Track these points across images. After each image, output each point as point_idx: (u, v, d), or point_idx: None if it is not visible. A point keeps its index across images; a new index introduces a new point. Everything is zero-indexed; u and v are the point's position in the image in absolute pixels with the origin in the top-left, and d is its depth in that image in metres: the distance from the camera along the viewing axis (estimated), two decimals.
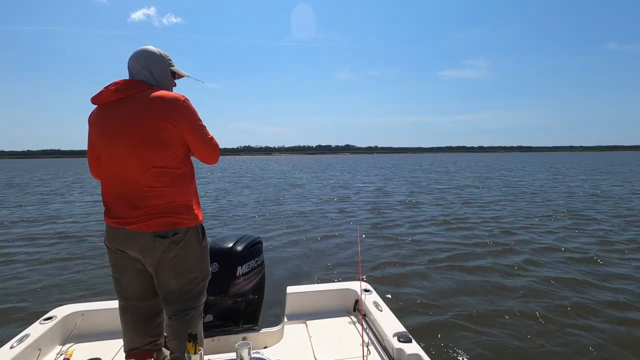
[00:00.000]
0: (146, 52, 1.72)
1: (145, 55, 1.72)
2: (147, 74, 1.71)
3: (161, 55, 1.75)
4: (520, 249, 5.99)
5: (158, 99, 1.62)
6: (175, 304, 1.73)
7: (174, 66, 1.82)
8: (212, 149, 1.77)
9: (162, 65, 1.74)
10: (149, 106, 1.60)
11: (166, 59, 1.77)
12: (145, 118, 1.59)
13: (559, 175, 22.50)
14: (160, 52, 1.75)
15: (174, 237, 1.65)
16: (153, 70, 1.72)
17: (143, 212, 1.61)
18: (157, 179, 1.62)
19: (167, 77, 1.77)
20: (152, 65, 1.72)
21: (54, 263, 5.63)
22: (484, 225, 7.89)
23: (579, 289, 4.28)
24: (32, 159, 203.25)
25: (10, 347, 1.84)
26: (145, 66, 1.71)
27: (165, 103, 1.61)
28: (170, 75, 1.79)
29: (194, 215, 1.72)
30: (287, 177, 25.38)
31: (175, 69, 1.82)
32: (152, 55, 1.73)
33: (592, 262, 5.25)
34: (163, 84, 1.75)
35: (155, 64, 1.72)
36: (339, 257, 5.74)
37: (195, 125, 1.67)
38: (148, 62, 1.71)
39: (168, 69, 1.78)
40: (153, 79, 1.72)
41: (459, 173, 26.91)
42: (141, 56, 1.71)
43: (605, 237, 6.68)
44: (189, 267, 1.72)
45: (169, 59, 1.79)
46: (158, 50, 1.76)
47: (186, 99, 1.68)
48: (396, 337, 1.87)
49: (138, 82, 1.67)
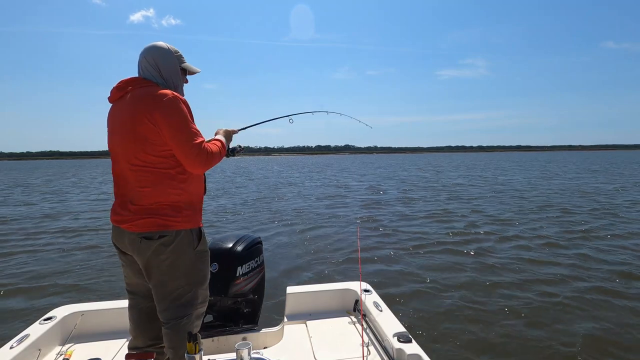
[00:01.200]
0: (155, 48, 1.69)
1: (154, 52, 1.68)
2: (155, 71, 1.68)
3: (170, 52, 1.71)
4: (521, 249, 6.00)
5: (145, 95, 1.58)
6: (167, 310, 1.67)
7: (185, 62, 1.78)
8: (193, 156, 1.57)
9: (171, 62, 1.71)
10: (136, 103, 1.58)
11: (176, 55, 1.73)
12: (131, 115, 1.57)
13: (547, 173, 22.80)
14: (170, 48, 1.72)
15: (161, 240, 1.59)
16: (161, 68, 1.69)
17: (132, 211, 1.60)
18: (142, 177, 1.59)
19: (176, 75, 1.73)
20: (161, 63, 1.68)
21: (54, 263, 5.63)
22: (484, 226, 7.89)
23: (580, 291, 4.29)
24: (32, 161, 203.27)
25: (10, 348, 1.84)
26: (153, 64, 1.68)
27: (149, 100, 1.56)
28: (179, 72, 1.75)
29: (186, 217, 1.65)
30: (286, 177, 25.38)
31: (187, 65, 1.78)
32: (161, 52, 1.69)
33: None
34: (171, 81, 1.71)
35: (164, 61, 1.69)
36: (339, 257, 5.74)
37: (175, 126, 1.55)
38: (156, 59, 1.68)
39: (177, 66, 1.74)
40: (160, 76, 1.69)
41: (459, 173, 26.91)
42: (150, 53, 1.68)
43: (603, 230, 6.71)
44: (180, 273, 1.65)
45: (180, 54, 1.76)
46: (168, 46, 1.72)
47: (176, 96, 1.59)
48: (396, 337, 1.87)
49: (138, 79, 1.66)
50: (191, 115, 1.65)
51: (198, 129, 1.66)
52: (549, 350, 3.06)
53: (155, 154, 1.58)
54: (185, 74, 1.81)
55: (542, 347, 3.11)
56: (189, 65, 1.80)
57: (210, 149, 1.65)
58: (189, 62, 1.81)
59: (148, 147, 1.57)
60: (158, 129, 1.55)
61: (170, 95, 1.59)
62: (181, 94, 1.74)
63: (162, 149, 1.58)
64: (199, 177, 1.74)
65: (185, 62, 1.78)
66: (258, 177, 25.49)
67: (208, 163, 1.64)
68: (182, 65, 1.76)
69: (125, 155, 1.61)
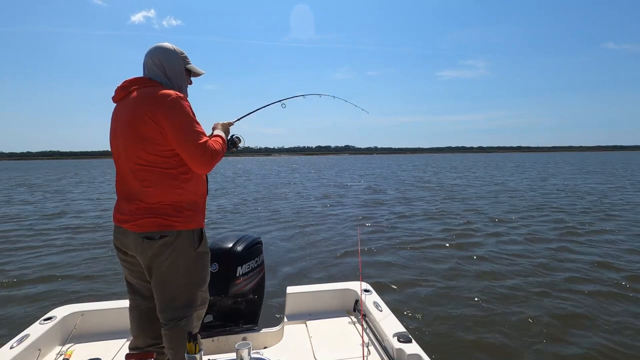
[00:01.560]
0: (161, 49, 1.71)
1: (160, 53, 1.70)
2: (160, 71, 1.69)
3: (176, 52, 1.73)
4: (522, 250, 5.99)
5: (148, 95, 1.58)
6: (166, 311, 1.67)
7: (190, 64, 1.79)
8: (198, 156, 1.58)
9: (176, 63, 1.72)
10: (139, 103, 1.58)
11: (181, 56, 1.75)
12: (133, 114, 1.57)
13: (544, 174, 22.71)
14: (175, 49, 1.73)
15: (162, 240, 1.60)
16: (166, 68, 1.70)
17: (134, 211, 1.60)
18: (144, 176, 1.59)
19: (181, 75, 1.74)
20: (166, 63, 1.70)
21: (54, 263, 5.62)
22: (485, 226, 7.89)
23: (581, 292, 4.29)
24: (33, 161, 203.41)
25: (10, 348, 1.84)
26: (159, 64, 1.69)
27: (152, 100, 1.57)
28: (184, 73, 1.76)
29: (187, 217, 1.65)
30: (286, 177, 25.37)
31: (191, 67, 1.80)
32: (166, 53, 1.71)
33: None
34: (175, 82, 1.73)
35: (169, 61, 1.70)
36: (339, 257, 5.74)
37: (178, 126, 1.56)
38: (162, 59, 1.69)
39: (182, 66, 1.75)
40: (165, 77, 1.70)
41: (457, 174, 26.90)
42: (155, 53, 1.70)
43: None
44: (180, 273, 1.65)
45: (185, 56, 1.77)
46: (173, 47, 1.74)
47: (179, 97, 1.60)
48: (396, 337, 1.87)
49: (143, 79, 1.67)
50: (194, 114, 1.65)
51: (202, 129, 1.66)
52: (549, 351, 3.06)
53: (157, 154, 1.58)
54: (190, 75, 1.82)
55: (543, 347, 3.10)
56: (194, 67, 1.81)
57: (214, 147, 1.66)
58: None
59: (150, 146, 1.57)
60: (160, 129, 1.56)
61: (174, 95, 1.59)
62: (185, 94, 1.75)
63: (165, 149, 1.59)
64: (201, 177, 1.74)
65: (191, 64, 1.80)
66: (258, 177, 25.48)
67: (213, 162, 1.65)
68: (187, 67, 1.78)
69: (128, 155, 1.61)
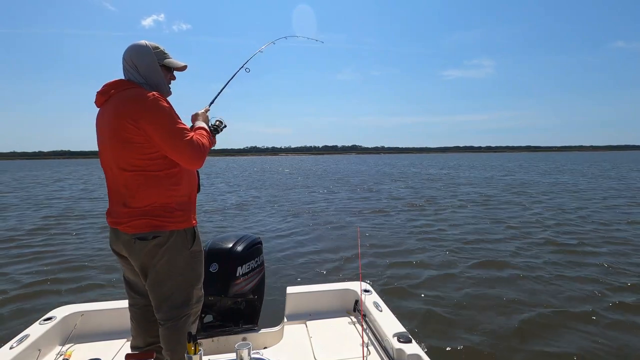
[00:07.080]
0: (132, 47, 1.66)
1: (131, 51, 1.66)
2: (134, 71, 1.66)
3: (148, 48, 1.66)
4: (523, 251, 5.93)
5: (126, 99, 1.56)
6: (162, 311, 1.67)
7: (169, 58, 1.72)
8: (188, 153, 1.58)
9: (148, 60, 1.65)
10: (118, 108, 1.56)
11: (155, 51, 1.68)
12: (115, 120, 1.55)
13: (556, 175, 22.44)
14: (148, 45, 1.67)
15: (155, 240, 1.60)
16: (139, 67, 1.65)
17: (126, 213, 1.60)
18: (133, 180, 1.58)
19: (154, 72, 1.67)
20: (138, 61, 1.65)
21: (54, 263, 5.66)
22: (487, 227, 7.82)
23: (580, 293, 4.23)
24: (44, 160, 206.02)
25: (10, 348, 1.85)
26: (131, 64, 1.65)
27: (130, 104, 1.54)
28: (159, 69, 1.68)
29: (179, 217, 1.65)
30: (289, 177, 25.39)
31: (169, 61, 1.72)
32: (138, 50, 1.65)
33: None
34: (150, 79, 1.67)
35: (140, 59, 1.65)
36: (339, 257, 5.71)
37: (160, 127, 1.54)
38: (133, 58, 1.65)
39: (155, 63, 1.67)
40: (139, 75, 1.66)
41: (467, 173, 26.73)
42: (128, 53, 1.66)
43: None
44: (174, 273, 1.65)
45: (160, 50, 1.69)
46: (146, 43, 1.67)
47: (156, 97, 1.56)
48: (396, 338, 1.86)
49: (120, 82, 1.65)
50: (175, 112, 1.62)
51: (185, 125, 1.64)
52: (549, 351, 3.02)
53: (142, 157, 1.57)
54: (169, 70, 1.75)
55: (543, 348, 3.07)
56: (172, 61, 1.73)
57: (201, 141, 1.65)
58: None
59: (135, 150, 1.56)
60: (143, 132, 1.54)
61: (151, 96, 1.56)
62: (164, 91, 1.70)
63: (151, 151, 1.57)
64: (189, 177, 1.73)
65: (169, 58, 1.73)
66: (257, 177, 25.54)
67: (203, 156, 1.64)
68: (164, 62, 1.70)
69: (114, 160, 1.60)
